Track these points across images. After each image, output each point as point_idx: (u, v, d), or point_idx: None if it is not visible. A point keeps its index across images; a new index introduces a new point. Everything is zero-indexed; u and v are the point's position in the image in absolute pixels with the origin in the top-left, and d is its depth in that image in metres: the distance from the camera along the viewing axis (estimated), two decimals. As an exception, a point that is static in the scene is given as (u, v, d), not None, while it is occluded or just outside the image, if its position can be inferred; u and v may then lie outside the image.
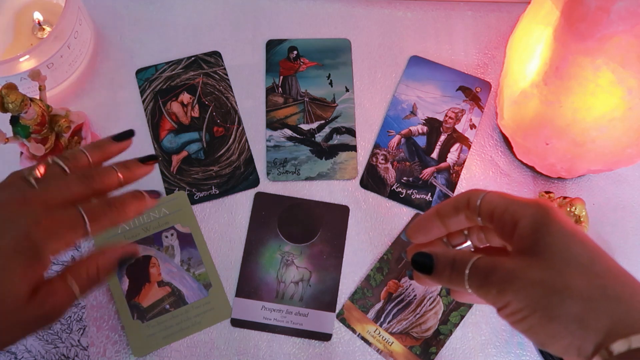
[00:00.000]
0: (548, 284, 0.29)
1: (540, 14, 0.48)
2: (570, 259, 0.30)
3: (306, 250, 0.57)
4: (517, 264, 0.31)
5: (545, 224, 0.31)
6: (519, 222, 0.32)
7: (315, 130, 0.62)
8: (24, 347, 0.54)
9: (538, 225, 0.31)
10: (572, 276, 0.29)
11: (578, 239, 0.31)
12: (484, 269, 0.32)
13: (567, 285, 0.29)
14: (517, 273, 0.30)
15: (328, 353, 0.55)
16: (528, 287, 0.29)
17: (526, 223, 0.32)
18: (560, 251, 0.30)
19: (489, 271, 0.31)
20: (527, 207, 0.33)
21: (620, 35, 0.41)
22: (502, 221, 0.33)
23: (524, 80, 0.51)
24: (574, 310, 0.28)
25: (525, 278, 0.30)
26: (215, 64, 0.64)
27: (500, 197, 0.35)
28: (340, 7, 0.66)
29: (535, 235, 0.31)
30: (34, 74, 0.53)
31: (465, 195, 0.36)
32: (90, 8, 0.65)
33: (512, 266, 0.31)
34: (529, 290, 0.29)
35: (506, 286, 0.30)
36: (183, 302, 0.56)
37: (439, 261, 0.35)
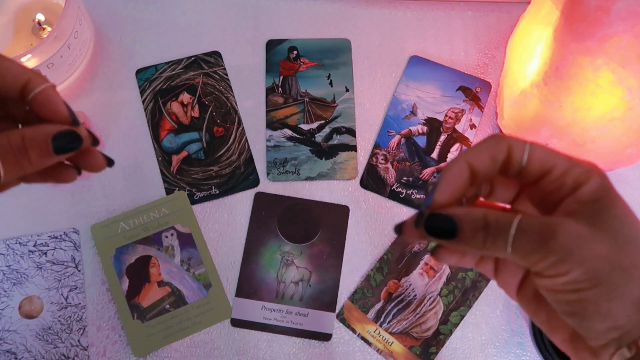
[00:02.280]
0: (616, 260, 0.27)
1: (540, 14, 0.48)
2: (636, 238, 0.27)
3: (306, 250, 0.57)
4: (584, 230, 0.27)
5: (609, 195, 0.28)
6: (581, 186, 0.29)
7: (315, 130, 0.62)
8: (24, 347, 0.54)
9: (603, 195, 0.28)
10: (636, 256, 0.27)
11: (637, 219, 0.28)
12: (540, 231, 0.27)
13: (635, 264, 0.27)
14: (585, 242, 0.27)
15: (328, 353, 0.55)
16: (596, 259, 0.26)
17: (590, 189, 0.28)
18: (627, 227, 0.28)
19: (548, 234, 0.27)
20: (591, 171, 0.29)
21: (620, 35, 0.41)
22: (561, 183, 0.29)
23: (524, 80, 0.51)
24: (638, 292, 0.26)
25: (594, 249, 0.27)
26: (215, 64, 0.64)
27: (555, 155, 0.30)
28: (340, 7, 0.66)
29: (599, 203, 0.28)
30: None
31: (502, 143, 0.30)
32: (90, 8, 0.65)
33: (577, 231, 0.27)
34: (595, 263, 0.26)
35: (570, 254, 0.26)
36: (183, 302, 0.56)
37: (467, 224, 0.28)
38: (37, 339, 0.54)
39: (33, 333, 0.54)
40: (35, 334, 0.54)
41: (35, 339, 0.54)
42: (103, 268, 0.56)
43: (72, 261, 0.56)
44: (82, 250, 0.57)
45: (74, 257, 0.56)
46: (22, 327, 0.54)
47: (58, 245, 0.57)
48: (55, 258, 0.56)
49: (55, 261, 0.56)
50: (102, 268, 0.56)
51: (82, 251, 0.57)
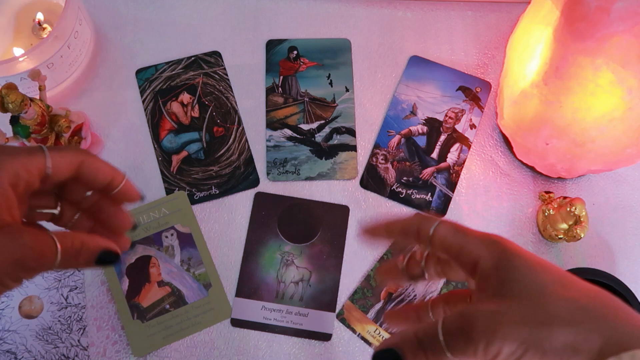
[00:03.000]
0: (532, 319, 0.28)
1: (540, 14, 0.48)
2: (542, 289, 0.29)
3: (306, 250, 0.57)
4: (493, 308, 0.29)
5: (506, 259, 0.31)
6: (478, 262, 0.31)
7: (315, 130, 0.62)
8: (24, 347, 0.54)
9: (499, 263, 0.31)
10: (551, 305, 0.29)
11: (541, 267, 0.30)
12: (460, 327, 0.29)
13: (551, 314, 0.28)
14: (499, 318, 0.29)
15: (328, 353, 0.55)
16: (514, 328, 0.28)
17: (486, 264, 0.31)
18: (531, 284, 0.30)
19: (467, 327, 0.29)
20: (482, 245, 0.32)
21: (620, 35, 0.41)
22: (460, 260, 0.33)
23: (524, 80, 0.51)
24: (564, 339, 0.28)
25: (508, 321, 0.28)
26: (215, 64, 0.64)
27: (453, 233, 0.33)
28: (340, 7, 0.66)
29: (499, 274, 0.30)
30: (34, 74, 0.53)
31: (415, 222, 0.35)
32: (90, 8, 0.65)
33: (489, 312, 0.29)
34: (516, 332, 0.28)
35: (492, 335, 0.28)
36: (183, 302, 0.56)
37: (406, 348, 0.30)
38: (37, 339, 0.54)
39: (33, 333, 0.54)
40: (35, 334, 0.54)
41: (35, 339, 0.54)
42: (103, 268, 0.56)
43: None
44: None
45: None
46: (22, 327, 0.54)
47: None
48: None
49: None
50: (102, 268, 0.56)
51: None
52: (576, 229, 0.55)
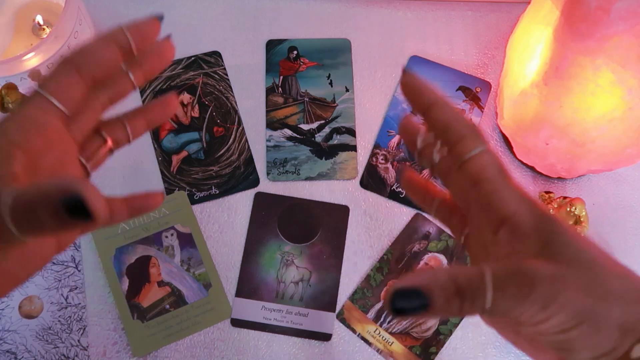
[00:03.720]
0: (592, 291, 0.26)
1: (540, 14, 0.48)
2: (594, 260, 0.27)
3: (306, 250, 0.57)
4: (556, 271, 0.26)
5: (548, 222, 0.28)
6: (512, 216, 0.28)
7: (315, 130, 0.62)
8: (24, 347, 0.54)
9: (541, 224, 0.28)
10: (608, 280, 0.27)
11: (583, 239, 0.28)
12: (518, 283, 0.26)
13: (609, 290, 0.26)
14: (562, 283, 0.26)
15: (328, 353, 0.55)
16: (576, 298, 0.26)
17: (525, 221, 0.28)
18: (581, 252, 0.27)
19: (526, 286, 0.26)
20: (520, 200, 0.29)
21: (620, 35, 0.41)
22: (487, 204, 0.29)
23: (524, 80, 0.51)
24: (620, 317, 0.26)
25: (570, 289, 0.26)
26: (215, 64, 0.64)
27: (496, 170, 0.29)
28: (340, 7, 0.66)
29: (541, 234, 0.28)
30: (33, 74, 0.53)
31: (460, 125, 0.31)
32: (90, 8, 0.65)
33: (551, 275, 0.26)
34: (576, 302, 0.26)
35: (551, 301, 0.26)
36: (183, 302, 0.56)
37: (438, 294, 0.26)
38: (37, 339, 0.54)
39: (33, 333, 0.54)
40: (35, 334, 0.54)
41: (35, 339, 0.54)
42: (103, 268, 0.56)
43: (72, 261, 0.56)
44: (82, 250, 0.57)
45: (74, 257, 0.56)
46: (22, 327, 0.54)
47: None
48: (55, 258, 0.56)
49: (55, 261, 0.56)
50: (102, 268, 0.56)
51: (82, 251, 0.57)
52: (576, 229, 0.55)
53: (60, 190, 0.24)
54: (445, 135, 0.31)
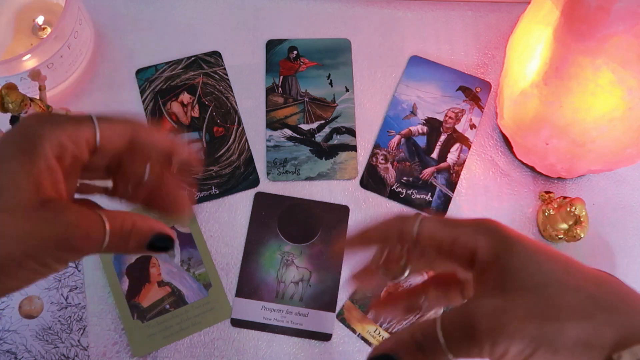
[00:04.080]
0: (540, 313, 0.26)
1: (540, 14, 0.48)
2: (548, 279, 0.27)
3: (306, 250, 0.57)
4: (497, 303, 0.27)
5: (506, 247, 0.28)
6: (475, 253, 0.29)
7: (315, 130, 0.62)
8: (24, 347, 0.54)
9: (499, 252, 0.28)
10: (559, 296, 0.26)
11: (544, 254, 0.28)
12: (462, 327, 0.27)
13: (560, 307, 0.26)
14: (503, 314, 0.26)
15: (328, 353, 0.55)
16: (521, 325, 0.26)
17: (485, 254, 0.28)
18: (535, 273, 0.27)
19: (470, 327, 0.26)
20: (477, 234, 0.29)
21: (620, 35, 0.41)
22: (454, 255, 0.30)
23: (524, 80, 0.51)
24: (577, 334, 0.25)
25: (515, 318, 0.26)
26: (215, 64, 0.64)
27: (441, 227, 0.30)
28: (340, 7, 0.66)
29: (499, 264, 0.28)
30: (34, 74, 0.53)
31: (395, 224, 0.32)
32: (90, 8, 0.65)
33: (492, 309, 0.26)
34: (524, 329, 0.26)
35: (498, 334, 0.26)
36: (183, 302, 0.56)
37: (403, 353, 0.28)
38: (37, 339, 0.54)
39: (33, 333, 0.54)
40: (35, 334, 0.54)
41: (35, 339, 0.54)
42: (103, 268, 0.56)
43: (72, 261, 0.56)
44: (82, 250, 0.57)
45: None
46: (22, 327, 0.54)
47: (58, 245, 0.57)
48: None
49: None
50: (102, 268, 0.56)
51: (82, 251, 0.57)
52: (576, 229, 0.55)
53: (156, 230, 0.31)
54: (389, 243, 0.33)
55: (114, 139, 0.30)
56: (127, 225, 0.30)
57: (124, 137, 0.30)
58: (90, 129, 0.29)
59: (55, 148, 0.28)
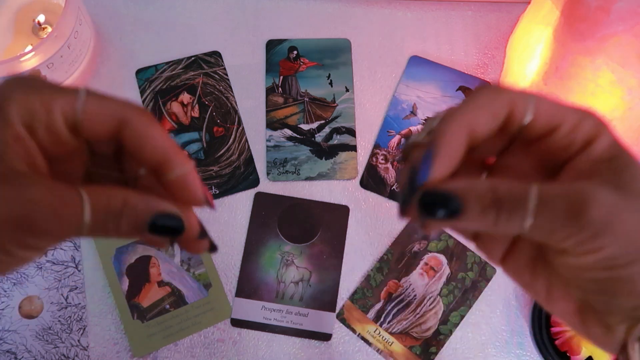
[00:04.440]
0: None
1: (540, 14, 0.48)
2: None
3: (306, 250, 0.57)
4: (617, 200, 0.23)
5: (624, 151, 0.25)
6: (592, 142, 0.25)
7: (315, 130, 0.62)
8: (24, 347, 0.54)
9: (617, 151, 0.25)
10: None
11: None
12: (567, 203, 0.23)
13: None
14: (619, 212, 0.23)
15: (328, 353, 0.55)
16: (633, 231, 0.23)
17: (603, 146, 0.25)
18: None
19: (579, 207, 0.22)
20: (602, 125, 0.25)
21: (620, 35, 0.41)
22: (570, 140, 0.25)
23: (524, 80, 0.51)
24: None
25: (629, 220, 0.23)
26: (215, 64, 0.64)
27: (563, 108, 0.25)
28: (340, 7, 0.66)
29: (616, 163, 0.24)
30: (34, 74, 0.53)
31: (502, 98, 0.25)
32: (90, 8, 0.65)
33: (612, 202, 0.23)
34: (633, 236, 0.23)
35: (606, 228, 0.22)
36: (183, 302, 0.56)
37: (473, 201, 0.23)
38: (37, 339, 0.54)
39: (33, 333, 0.54)
40: (35, 334, 0.54)
41: (35, 339, 0.54)
42: (103, 268, 0.56)
43: (72, 261, 0.56)
44: (82, 250, 0.57)
45: (74, 257, 0.56)
46: (22, 327, 0.54)
47: (58, 245, 0.57)
48: (55, 258, 0.56)
49: (55, 261, 0.56)
50: (102, 268, 0.56)
51: (82, 251, 0.57)
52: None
53: (159, 210, 0.25)
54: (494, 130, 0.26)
55: (101, 118, 0.25)
56: (116, 202, 0.25)
57: (113, 118, 0.25)
58: (72, 99, 0.25)
59: (24, 115, 0.24)
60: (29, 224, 0.23)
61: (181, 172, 0.26)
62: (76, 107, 0.25)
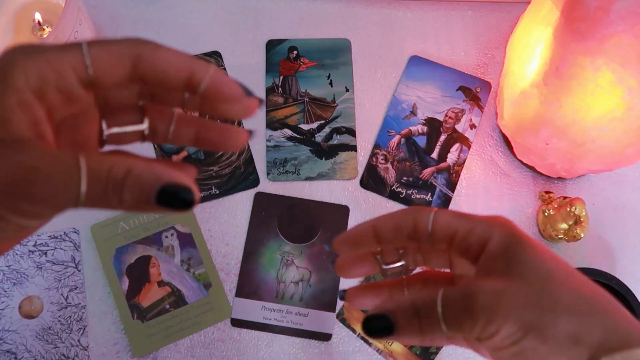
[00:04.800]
0: (538, 302, 0.27)
1: (540, 14, 0.48)
2: (550, 275, 0.28)
3: (306, 250, 0.57)
4: (498, 286, 0.28)
5: (515, 242, 0.29)
6: (486, 244, 0.30)
7: (315, 130, 0.62)
8: (24, 347, 0.54)
9: (509, 244, 0.29)
10: (558, 292, 0.28)
11: (548, 255, 0.29)
12: (462, 300, 0.28)
13: (556, 301, 0.27)
14: (503, 296, 0.27)
15: (328, 353, 0.55)
16: (518, 309, 0.27)
17: (495, 244, 0.30)
18: (538, 268, 0.28)
19: (469, 302, 0.28)
20: (493, 226, 0.30)
21: (620, 35, 0.41)
22: (467, 244, 0.31)
23: (524, 80, 0.51)
24: (568, 328, 0.27)
25: (513, 299, 0.27)
26: (215, 64, 0.64)
27: (457, 218, 0.31)
28: (340, 7, 0.66)
29: (507, 254, 0.29)
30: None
31: (409, 216, 0.32)
32: (90, 8, 0.64)
33: (493, 290, 0.28)
34: (519, 313, 0.27)
35: (494, 312, 0.27)
36: (183, 302, 0.56)
37: (400, 315, 0.29)
38: (37, 339, 0.54)
39: (33, 333, 0.54)
40: (35, 334, 0.54)
41: (35, 339, 0.54)
42: (103, 268, 0.56)
43: (72, 261, 0.56)
44: (82, 250, 0.57)
45: (74, 257, 0.56)
46: (22, 327, 0.54)
47: (58, 245, 0.57)
48: (55, 258, 0.56)
49: (55, 261, 0.56)
50: (102, 268, 0.56)
51: (82, 251, 0.57)
52: (576, 229, 0.55)
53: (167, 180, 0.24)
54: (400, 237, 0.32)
55: (113, 65, 0.25)
56: (119, 170, 0.23)
57: (126, 61, 0.25)
58: (78, 55, 0.24)
59: (32, 79, 0.24)
60: (22, 189, 0.22)
61: (210, 77, 0.27)
62: (85, 62, 0.25)
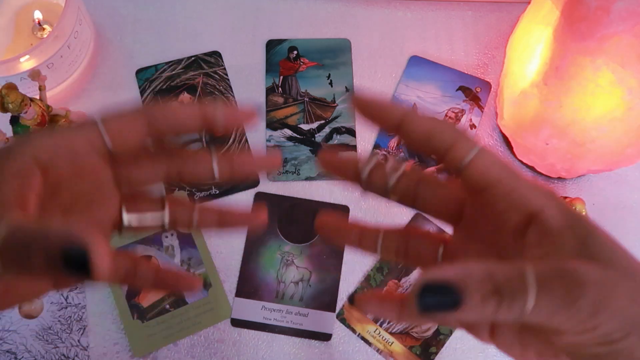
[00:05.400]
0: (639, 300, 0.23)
1: (540, 14, 0.48)
2: (635, 267, 0.24)
3: (306, 250, 0.57)
4: (603, 274, 0.23)
5: (579, 220, 0.25)
6: (538, 214, 0.25)
7: (315, 130, 0.62)
8: (24, 347, 0.54)
9: (573, 222, 0.25)
10: None
11: (617, 242, 0.26)
12: (564, 285, 0.22)
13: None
14: (612, 288, 0.23)
15: (328, 353, 0.55)
16: (626, 305, 0.23)
17: (554, 218, 0.25)
18: (623, 258, 0.25)
19: (576, 292, 0.22)
20: (543, 196, 0.26)
21: (620, 35, 0.42)
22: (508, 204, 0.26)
23: (524, 80, 0.51)
24: None
25: (621, 294, 0.23)
26: (215, 64, 0.64)
27: (500, 168, 0.26)
28: (340, 7, 0.66)
29: (577, 233, 0.25)
30: (33, 74, 0.53)
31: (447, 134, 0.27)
32: (90, 8, 0.64)
33: (600, 281, 0.23)
34: (626, 310, 0.23)
35: (603, 306, 0.22)
36: (183, 302, 0.56)
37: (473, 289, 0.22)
38: (37, 339, 0.54)
39: (33, 333, 0.54)
40: (35, 334, 0.54)
41: (35, 339, 0.54)
42: (103, 268, 0.56)
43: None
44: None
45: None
46: (22, 327, 0.54)
47: None
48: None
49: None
50: (102, 268, 0.56)
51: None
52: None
53: (65, 237, 0.21)
54: (430, 145, 0.27)
55: (128, 136, 0.27)
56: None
57: (140, 128, 0.27)
58: (93, 128, 0.27)
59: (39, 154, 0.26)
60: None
61: (220, 109, 0.29)
62: (103, 139, 0.27)
